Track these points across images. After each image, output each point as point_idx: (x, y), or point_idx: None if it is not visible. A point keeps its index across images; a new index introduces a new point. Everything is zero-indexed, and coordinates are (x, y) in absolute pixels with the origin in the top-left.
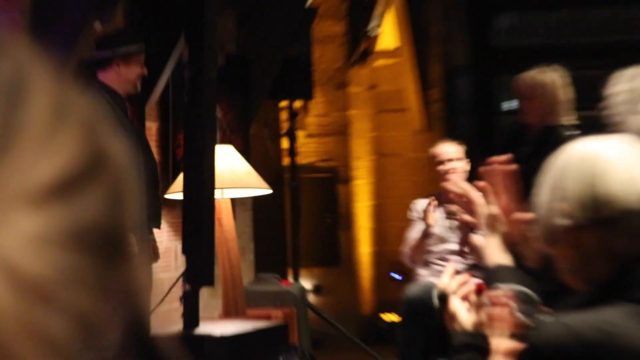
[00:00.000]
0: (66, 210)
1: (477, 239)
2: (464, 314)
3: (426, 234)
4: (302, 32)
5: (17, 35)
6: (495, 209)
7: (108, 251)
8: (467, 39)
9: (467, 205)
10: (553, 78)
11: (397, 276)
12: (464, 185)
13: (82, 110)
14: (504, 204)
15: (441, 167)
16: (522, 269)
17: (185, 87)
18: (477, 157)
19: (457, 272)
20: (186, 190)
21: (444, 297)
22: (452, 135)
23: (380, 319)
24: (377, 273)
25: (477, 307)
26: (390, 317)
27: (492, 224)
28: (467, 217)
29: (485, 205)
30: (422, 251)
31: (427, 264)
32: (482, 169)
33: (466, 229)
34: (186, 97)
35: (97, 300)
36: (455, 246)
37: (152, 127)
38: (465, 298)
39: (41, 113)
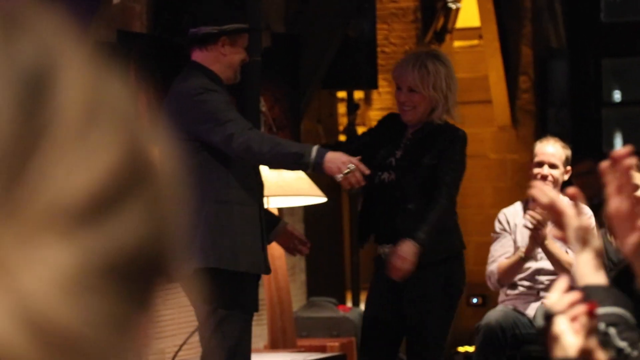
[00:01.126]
0: (100, 238)
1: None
2: (569, 338)
3: (524, 260)
4: (364, 6)
5: (38, 6)
6: (586, 221)
7: (146, 285)
8: (564, 15)
9: (556, 216)
10: None
11: (475, 300)
12: (551, 193)
13: (119, 105)
14: (627, 208)
15: (537, 170)
16: (632, 291)
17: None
18: (576, 160)
19: (570, 289)
20: None
21: (549, 316)
22: (545, 132)
23: (456, 351)
24: None
25: (587, 331)
26: (467, 349)
27: (583, 237)
28: (555, 231)
29: (575, 216)
30: (514, 275)
31: (512, 285)
32: (603, 165)
33: (536, 241)
34: None
35: (128, 344)
36: (546, 264)
37: None
38: (574, 320)
39: (73, 110)
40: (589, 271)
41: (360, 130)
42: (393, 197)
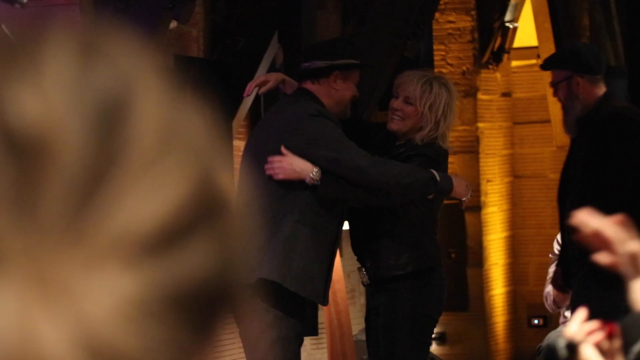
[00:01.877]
0: (166, 269)
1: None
2: None
3: None
4: (421, 27)
5: (115, 31)
6: (637, 246)
7: (208, 316)
8: (622, 33)
9: (603, 244)
10: None
11: (537, 321)
12: (594, 221)
13: (193, 136)
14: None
15: None
16: None
17: (279, 98)
18: None
19: (588, 318)
20: None
21: (573, 347)
22: None
23: None
24: (513, 318)
25: (610, 354)
26: None
27: (636, 263)
28: (603, 258)
29: (625, 242)
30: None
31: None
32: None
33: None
34: None
35: None
36: None
37: (240, 147)
38: (597, 346)
39: (146, 140)
40: None
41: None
42: (369, 218)
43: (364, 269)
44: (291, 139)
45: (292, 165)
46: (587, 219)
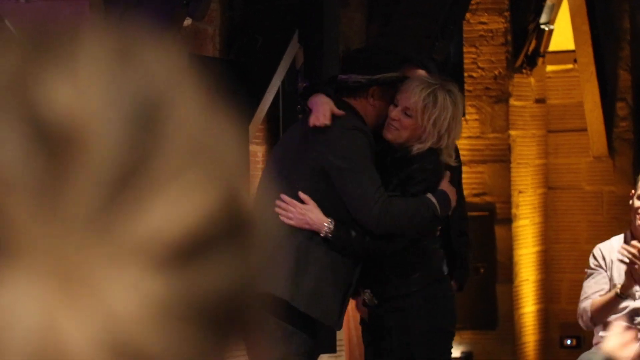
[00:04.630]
0: (192, 276)
1: None
2: None
3: (620, 298)
4: (450, 28)
5: (152, 41)
6: None
7: (228, 329)
8: None
9: None
10: None
11: (569, 342)
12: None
13: (221, 146)
14: None
15: (638, 204)
16: None
17: (299, 101)
18: None
19: (626, 331)
20: None
21: None
22: None
23: None
24: (545, 338)
25: None
26: None
27: None
28: None
29: None
30: (609, 313)
31: (608, 325)
32: None
33: (633, 277)
34: (299, 112)
35: None
36: None
37: (257, 152)
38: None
39: (176, 145)
40: None
41: None
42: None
43: (368, 291)
44: (319, 149)
45: (305, 216)
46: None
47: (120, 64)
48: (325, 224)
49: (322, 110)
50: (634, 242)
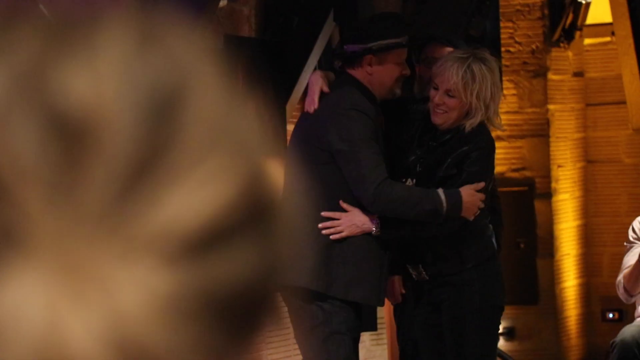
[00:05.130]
0: (205, 271)
1: None
2: None
3: None
4: (486, 3)
5: (172, 19)
6: None
7: (248, 321)
8: None
9: None
10: None
11: (611, 315)
12: None
13: (243, 133)
14: None
15: None
16: None
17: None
18: None
19: None
20: None
21: None
22: None
23: None
24: (586, 312)
25: None
26: None
27: None
28: None
29: None
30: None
31: None
32: None
33: None
34: None
35: None
36: None
37: None
38: None
39: (196, 133)
40: None
41: None
42: None
43: (419, 266)
44: (322, 132)
45: (353, 223)
46: None
47: (141, 51)
48: (373, 224)
49: (311, 93)
50: None
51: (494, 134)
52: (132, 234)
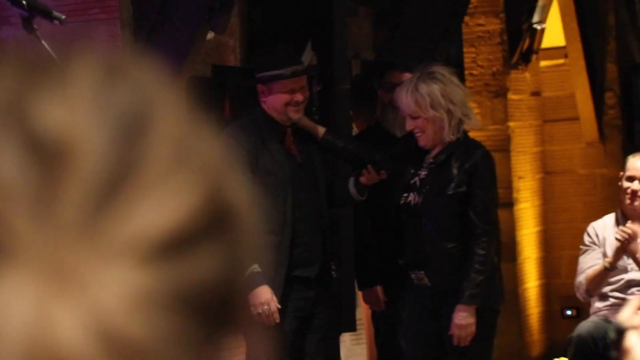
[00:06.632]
0: (177, 270)
1: None
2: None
3: (608, 270)
4: (450, 30)
5: (138, 54)
6: None
7: (216, 318)
8: None
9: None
10: None
11: (570, 312)
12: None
13: (206, 153)
14: None
15: (627, 185)
16: None
17: (312, 103)
18: None
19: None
20: None
21: (621, 331)
22: (632, 145)
23: None
24: (547, 310)
25: None
26: None
27: None
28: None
29: None
30: (601, 285)
31: (603, 297)
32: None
33: (627, 253)
34: (314, 114)
35: None
36: (638, 275)
37: None
38: None
39: (162, 152)
40: None
41: None
42: (419, 220)
43: (422, 272)
44: None
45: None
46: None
47: (109, 81)
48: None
49: None
50: (629, 224)
51: None
52: (108, 240)
